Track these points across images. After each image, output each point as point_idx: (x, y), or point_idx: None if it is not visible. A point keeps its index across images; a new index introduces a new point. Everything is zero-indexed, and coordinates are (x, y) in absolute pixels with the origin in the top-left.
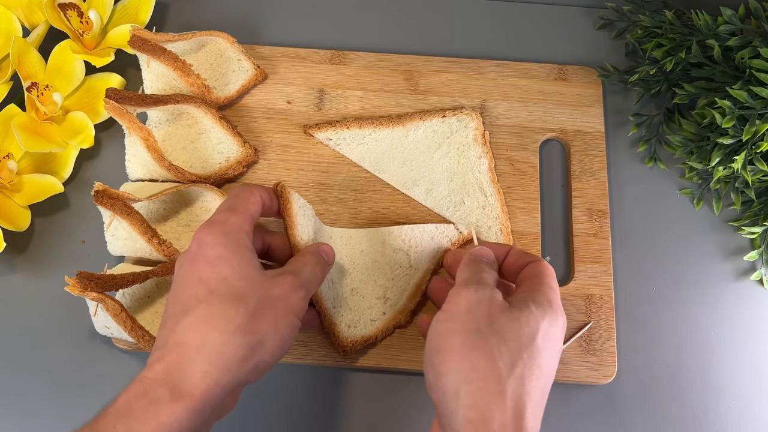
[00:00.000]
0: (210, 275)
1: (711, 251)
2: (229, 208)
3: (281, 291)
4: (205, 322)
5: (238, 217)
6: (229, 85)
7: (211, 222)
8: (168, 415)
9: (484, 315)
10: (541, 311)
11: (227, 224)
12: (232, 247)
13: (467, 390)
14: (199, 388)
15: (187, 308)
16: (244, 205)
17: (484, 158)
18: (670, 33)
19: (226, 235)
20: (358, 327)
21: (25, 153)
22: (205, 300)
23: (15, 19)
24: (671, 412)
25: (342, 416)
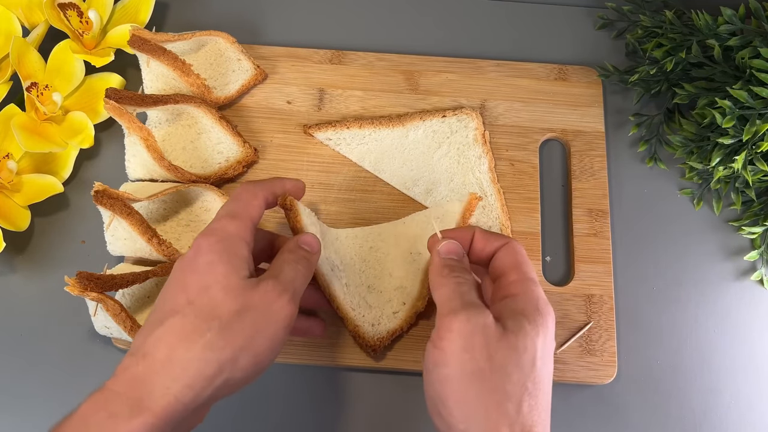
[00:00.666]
0: (193, 284)
1: (711, 251)
2: (229, 213)
3: (262, 299)
4: (176, 334)
5: (237, 223)
6: (229, 85)
7: (210, 229)
8: None
9: (481, 350)
10: (534, 328)
11: (224, 231)
12: (224, 255)
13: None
14: (159, 405)
15: (164, 317)
16: (245, 210)
17: (484, 158)
18: (670, 33)
19: (220, 242)
20: (382, 323)
21: (25, 153)
22: (182, 311)
23: (15, 19)
24: (671, 412)
25: (342, 416)
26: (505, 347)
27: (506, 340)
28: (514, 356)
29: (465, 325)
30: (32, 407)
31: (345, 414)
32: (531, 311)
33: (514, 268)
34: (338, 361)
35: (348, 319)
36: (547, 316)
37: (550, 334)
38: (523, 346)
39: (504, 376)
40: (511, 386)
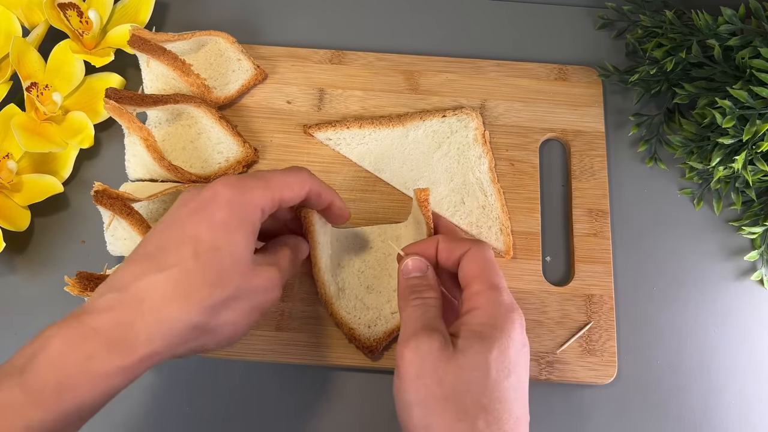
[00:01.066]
0: (205, 239)
1: (711, 251)
2: (265, 180)
3: (262, 284)
4: (174, 289)
5: (266, 194)
6: (229, 85)
7: (238, 184)
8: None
9: (432, 376)
10: (484, 344)
11: (250, 194)
12: (242, 223)
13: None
14: (138, 353)
15: (165, 262)
16: (280, 188)
17: (484, 158)
18: (670, 33)
19: (241, 205)
20: (379, 324)
21: (25, 153)
22: (185, 265)
23: (15, 18)
24: (671, 412)
25: (342, 416)
26: (453, 368)
27: (455, 360)
28: (463, 375)
29: (414, 352)
30: None
31: (344, 414)
32: (486, 326)
33: (476, 278)
34: (337, 361)
35: (343, 324)
36: (505, 328)
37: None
38: (471, 364)
39: (456, 397)
40: (464, 405)
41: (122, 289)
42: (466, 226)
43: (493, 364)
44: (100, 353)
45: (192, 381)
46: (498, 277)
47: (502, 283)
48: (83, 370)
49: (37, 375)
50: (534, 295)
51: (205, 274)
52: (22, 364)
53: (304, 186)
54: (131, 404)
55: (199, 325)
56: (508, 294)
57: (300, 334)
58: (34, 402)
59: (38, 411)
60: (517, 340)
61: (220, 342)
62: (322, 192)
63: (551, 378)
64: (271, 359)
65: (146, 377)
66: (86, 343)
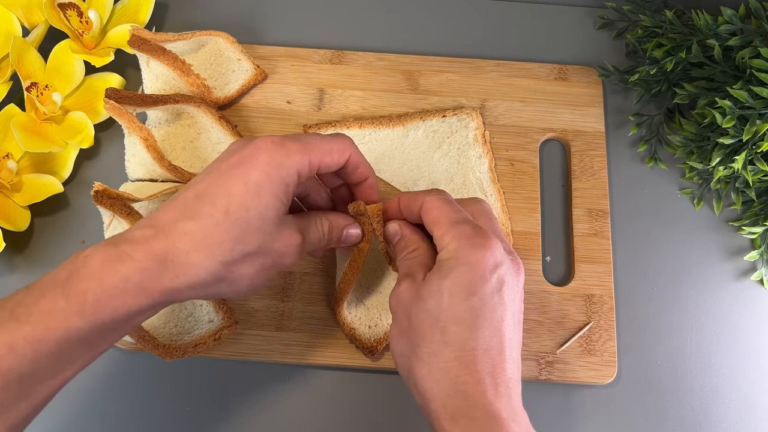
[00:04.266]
0: (237, 196)
1: (711, 251)
2: (306, 145)
3: (282, 247)
4: (203, 238)
5: (304, 158)
6: (229, 84)
7: (280, 144)
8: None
9: (403, 313)
10: (440, 273)
11: (288, 158)
12: (274, 184)
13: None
14: (162, 286)
15: (200, 212)
16: (320, 153)
17: (485, 158)
18: (670, 33)
19: (277, 167)
20: (380, 324)
21: (25, 153)
22: (216, 218)
23: (15, 18)
24: (671, 412)
25: (342, 416)
26: (416, 302)
27: (417, 295)
28: (421, 305)
29: (394, 298)
30: None
31: (345, 414)
32: (445, 260)
33: (435, 223)
34: (337, 361)
35: (344, 324)
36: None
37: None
38: (428, 293)
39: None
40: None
41: (159, 228)
42: None
43: (446, 288)
44: (132, 277)
45: (192, 381)
46: (456, 213)
47: (463, 215)
48: (118, 289)
49: (77, 287)
50: (534, 295)
51: (231, 230)
52: (66, 276)
53: (344, 153)
54: (131, 404)
55: (218, 274)
56: (472, 224)
57: (300, 334)
58: (75, 311)
59: (78, 319)
60: (480, 263)
61: (236, 292)
62: (361, 164)
63: (551, 378)
64: (271, 359)
65: (146, 376)
66: (122, 265)
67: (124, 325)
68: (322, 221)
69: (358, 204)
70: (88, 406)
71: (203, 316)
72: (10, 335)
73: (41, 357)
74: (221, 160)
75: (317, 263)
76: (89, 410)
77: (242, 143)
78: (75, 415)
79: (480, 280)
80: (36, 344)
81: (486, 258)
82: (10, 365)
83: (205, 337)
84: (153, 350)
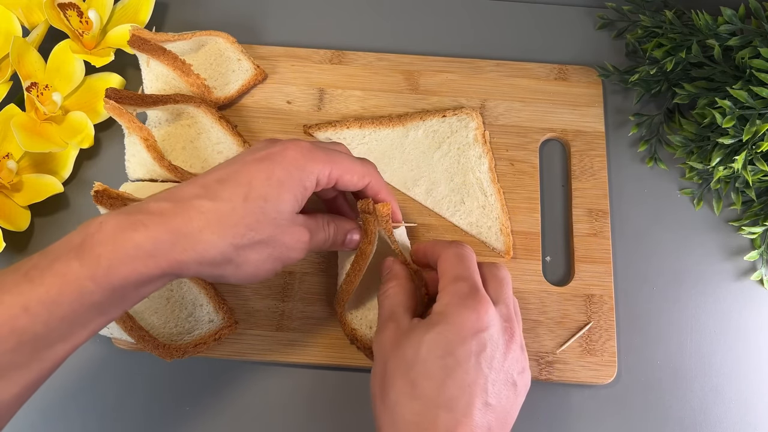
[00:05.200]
0: (258, 187)
1: (711, 251)
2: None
3: (291, 242)
4: (218, 218)
5: (326, 168)
6: (229, 84)
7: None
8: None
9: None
10: (425, 326)
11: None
12: (294, 183)
13: None
14: (171, 258)
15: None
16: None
17: (484, 158)
18: (670, 33)
19: (300, 170)
20: None
21: (25, 153)
22: (234, 203)
23: (15, 18)
24: (671, 412)
25: (342, 416)
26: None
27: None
28: (399, 353)
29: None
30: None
31: (345, 414)
32: (436, 313)
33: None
34: (337, 361)
35: (345, 324)
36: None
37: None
38: (409, 343)
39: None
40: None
41: (176, 202)
42: (466, 226)
43: (426, 342)
44: (145, 245)
45: (192, 381)
46: (463, 270)
47: (468, 273)
48: (130, 256)
49: (91, 252)
50: (534, 295)
51: (247, 216)
52: (80, 241)
53: (364, 178)
54: (131, 403)
55: (227, 255)
56: (472, 284)
57: (300, 334)
58: (88, 275)
59: (91, 283)
60: (464, 324)
61: (239, 277)
62: (381, 192)
63: (551, 378)
64: (271, 359)
65: (146, 376)
66: (136, 233)
67: (133, 293)
68: (329, 223)
69: (368, 202)
70: (88, 406)
71: (203, 316)
72: (24, 296)
73: (54, 319)
74: (247, 153)
75: (317, 263)
76: (89, 410)
77: (271, 142)
78: (75, 415)
79: (459, 341)
80: (50, 306)
81: (470, 320)
82: (24, 326)
83: (205, 337)
84: (153, 350)
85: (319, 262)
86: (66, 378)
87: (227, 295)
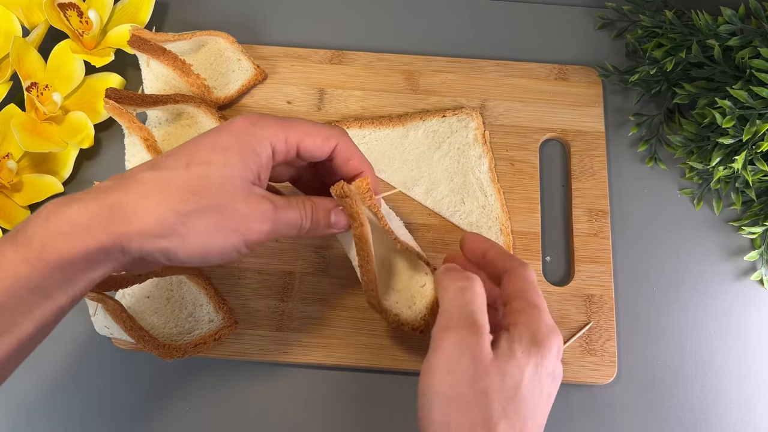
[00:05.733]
0: (201, 153)
1: (711, 251)
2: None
3: (249, 211)
4: (158, 185)
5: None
6: (229, 84)
7: (256, 118)
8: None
9: (465, 375)
10: (526, 356)
11: (262, 129)
12: (243, 149)
13: None
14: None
15: (161, 165)
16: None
17: (484, 158)
18: (670, 33)
19: (250, 135)
20: (417, 303)
21: (25, 153)
22: (175, 170)
23: (15, 18)
24: (671, 412)
25: (343, 416)
26: (488, 373)
27: (494, 365)
28: (497, 382)
29: (455, 346)
30: (32, 408)
31: (345, 414)
32: (527, 340)
33: (518, 296)
34: (337, 361)
35: (385, 312)
36: (545, 346)
37: (546, 363)
38: (509, 371)
39: (483, 401)
40: (489, 411)
41: (119, 179)
42: (466, 226)
43: (527, 376)
44: (79, 219)
45: (192, 381)
46: (540, 299)
47: (544, 304)
48: (63, 232)
49: (24, 234)
50: None
51: (188, 181)
52: (17, 228)
53: (329, 140)
54: (131, 404)
55: (169, 223)
56: (549, 316)
57: (300, 334)
58: (22, 258)
59: (26, 266)
60: (552, 362)
61: (189, 251)
62: (353, 157)
63: None
64: (271, 359)
65: (146, 376)
66: (69, 208)
67: (80, 274)
68: (304, 202)
69: (341, 185)
70: (88, 406)
71: (203, 316)
72: None
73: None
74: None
75: (317, 263)
76: (89, 410)
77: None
78: (74, 414)
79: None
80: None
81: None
82: None
83: (205, 337)
84: (153, 350)
85: (319, 262)
86: (66, 378)
87: (227, 295)
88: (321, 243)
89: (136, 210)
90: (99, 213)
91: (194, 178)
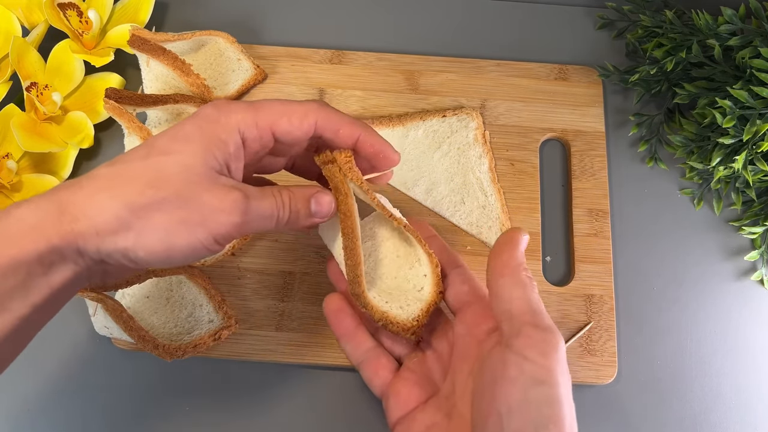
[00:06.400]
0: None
1: (711, 251)
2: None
3: (215, 202)
4: (112, 179)
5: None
6: (229, 84)
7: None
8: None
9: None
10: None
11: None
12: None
13: None
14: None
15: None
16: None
17: (485, 158)
18: (670, 33)
19: (214, 122)
20: (410, 303)
21: (25, 153)
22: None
23: (14, 18)
24: (672, 412)
25: (343, 416)
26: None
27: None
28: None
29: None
30: (32, 408)
31: (345, 414)
32: None
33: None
34: (337, 361)
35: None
36: None
37: None
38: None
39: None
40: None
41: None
42: (466, 226)
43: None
44: (27, 218)
45: (192, 381)
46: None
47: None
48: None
49: None
50: None
51: (145, 172)
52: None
53: (307, 116)
54: (131, 404)
55: (123, 218)
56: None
57: (300, 334)
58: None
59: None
60: None
61: (149, 250)
62: (342, 127)
63: None
64: (271, 359)
65: (146, 376)
66: (18, 209)
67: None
68: (281, 190)
69: (325, 154)
70: (88, 406)
71: (203, 316)
72: None
73: None
74: None
75: (317, 263)
76: (89, 410)
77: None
78: (75, 415)
79: None
80: None
81: None
82: None
83: (205, 337)
84: (153, 350)
85: (318, 262)
86: (66, 378)
87: (227, 295)
88: (321, 243)
89: (86, 206)
90: (49, 211)
91: (151, 169)
